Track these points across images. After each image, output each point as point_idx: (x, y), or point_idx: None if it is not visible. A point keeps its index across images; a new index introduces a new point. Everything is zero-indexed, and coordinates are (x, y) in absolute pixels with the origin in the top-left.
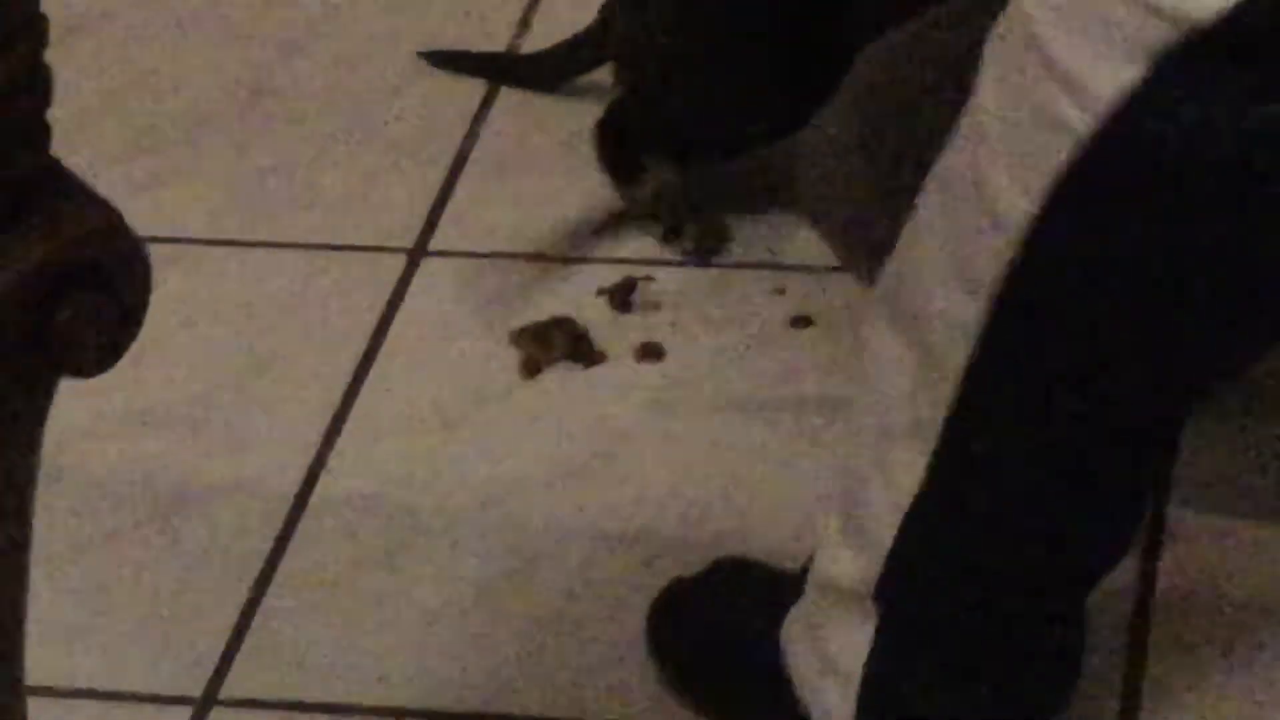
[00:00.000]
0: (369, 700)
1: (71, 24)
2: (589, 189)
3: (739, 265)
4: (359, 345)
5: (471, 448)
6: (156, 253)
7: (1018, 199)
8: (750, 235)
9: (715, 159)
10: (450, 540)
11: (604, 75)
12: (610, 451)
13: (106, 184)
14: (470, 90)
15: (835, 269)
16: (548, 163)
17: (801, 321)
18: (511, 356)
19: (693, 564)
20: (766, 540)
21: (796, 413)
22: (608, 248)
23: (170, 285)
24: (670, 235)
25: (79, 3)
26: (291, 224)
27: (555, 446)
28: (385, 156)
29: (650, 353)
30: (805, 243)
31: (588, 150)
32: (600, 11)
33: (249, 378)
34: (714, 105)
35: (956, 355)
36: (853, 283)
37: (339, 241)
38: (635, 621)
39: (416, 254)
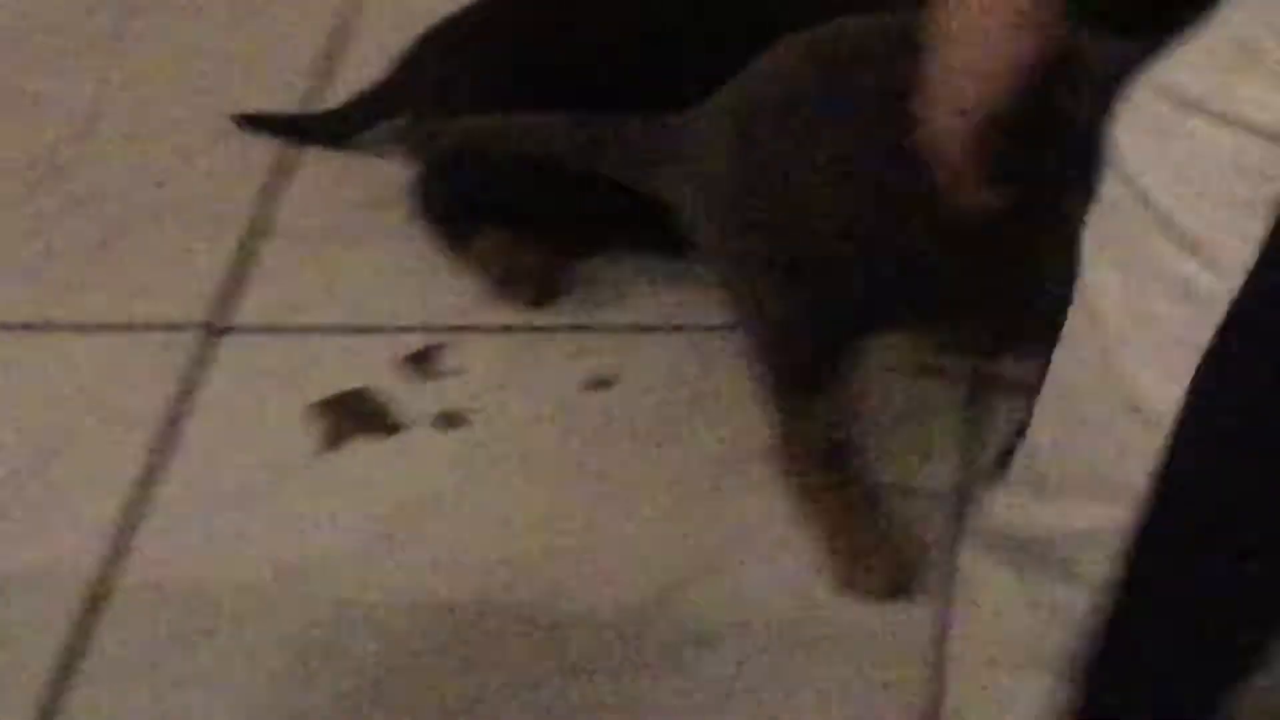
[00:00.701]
0: None
1: None
2: (389, 254)
3: (539, 329)
4: (159, 424)
5: (276, 523)
6: None
7: (1164, 386)
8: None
9: (546, 209)
10: (258, 618)
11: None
12: (415, 520)
13: None
14: (264, 159)
15: (635, 328)
16: (347, 229)
17: (600, 384)
18: (313, 429)
19: (500, 630)
20: (571, 606)
21: (597, 475)
22: (405, 315)
23: None
24: (504, 288)
25: None
26: (86, 305)
27: (359, 518)
28: (180, 231)
29: (451, 420)
30: (605, 304)
31: (389, 213)
32: (399, 63)
33: (47, 464)
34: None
35: (1095, 572)
36: (651, 343)
37: (136, 320)
38: (445, 688)
39: (215, 329)
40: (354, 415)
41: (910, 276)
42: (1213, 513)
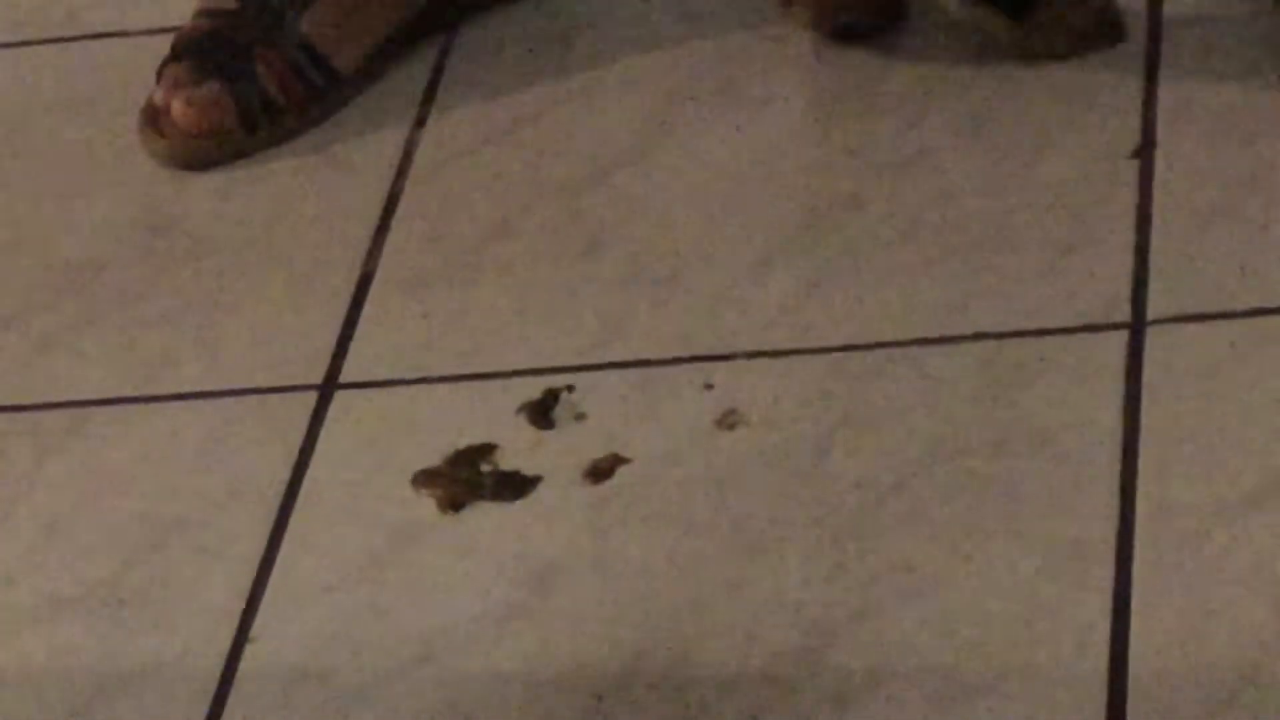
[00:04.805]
0: None
1: None
2: (502, 292)
3: (666, 361)
4: (275, 496)
5: (400, 596)
6: (53, 422)
7: None
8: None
9: None
10: (387, 702)
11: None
12: (547, 583)
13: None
14: (367, 205)
15: (767, 353)
16: (454, 274)
17: (734, 417)
18: (434, 491)
19: (645, 695)
20: (717, 664)
21: (737, 518)
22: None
23: (71, 455)
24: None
25: None
26: (193, 373)
27: (488, 583)
28: (286, 286)
29: (580, 471)
30: (732, 329)
31: (499, 247)
32: None
33: (163, 546)
34: None
35: None
36: (785, 369)
37: (245, 385)
38: None
39: (327, 389)
40: (475, 473)
41: None
42: None
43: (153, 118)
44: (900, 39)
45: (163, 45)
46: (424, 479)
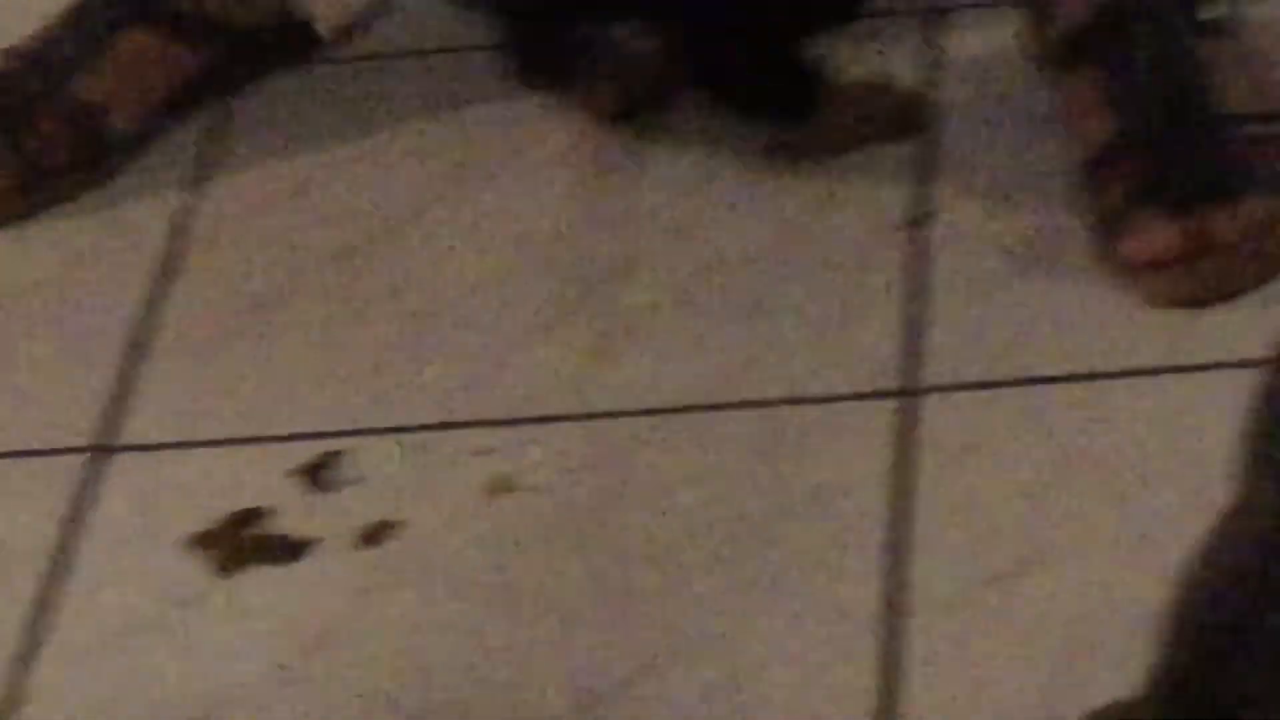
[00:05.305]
0: None
1: None
2: (273, 361)
3: (436, 426)
4: (45, 559)
5: (175, 660)
6: None
7: None
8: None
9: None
10: None
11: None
12: (319, 649)
13: None
14: (144, 267)
15: (533, 420)
16: (230, 337)
17: (505, 484)
18: (207, 555)
19: None
20: None
21: (509, 589)
22: (300, 421)
23: None
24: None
25: None
26: None
27: (263, 649)
28: (59, 349)
29: (354, 535)
30: (505, 394)
31: (280, 312)
32: None
33: None
34: None
35: None
36: (557, 434)
37: (13, 448)
38: None
39: (101, 452)
40: (250, 536)
41: None
42: None
43: None
44: (680, 112)
45: None
46: (199, 542)
